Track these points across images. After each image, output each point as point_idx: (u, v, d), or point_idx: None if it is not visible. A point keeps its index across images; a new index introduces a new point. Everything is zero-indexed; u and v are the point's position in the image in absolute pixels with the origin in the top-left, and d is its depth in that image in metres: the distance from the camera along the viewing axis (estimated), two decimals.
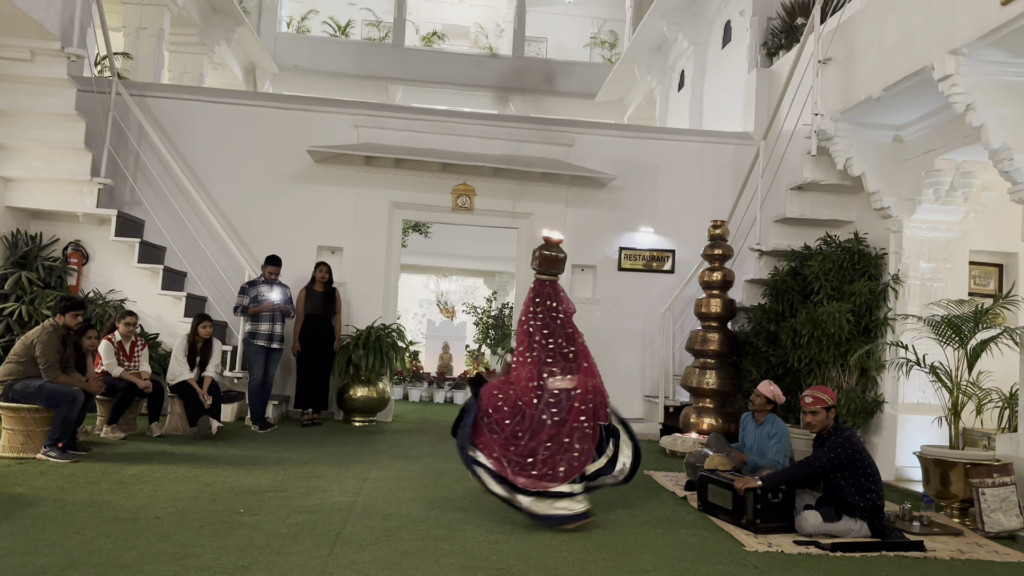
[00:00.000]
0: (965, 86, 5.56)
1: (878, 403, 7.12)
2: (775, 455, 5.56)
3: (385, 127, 9.45)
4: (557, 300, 5.11)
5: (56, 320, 6.20)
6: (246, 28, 13.71)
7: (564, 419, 4.81)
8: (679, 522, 5.02)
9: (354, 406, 8.75)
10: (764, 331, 8.02)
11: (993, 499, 5.12)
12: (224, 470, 5.79)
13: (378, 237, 9.39)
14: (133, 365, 7.29)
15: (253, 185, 9.23)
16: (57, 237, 8.56)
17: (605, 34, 18.66)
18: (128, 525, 4.23)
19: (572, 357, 5.01)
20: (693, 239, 9.47)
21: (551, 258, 5.15)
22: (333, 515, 4.68)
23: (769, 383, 5.84)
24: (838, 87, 7.19)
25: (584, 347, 5.10)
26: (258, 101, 9.71)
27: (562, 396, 4.88)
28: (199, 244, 8.83)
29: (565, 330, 5.06)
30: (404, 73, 16.84)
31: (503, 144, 9.57)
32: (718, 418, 7.88)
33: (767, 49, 9.69)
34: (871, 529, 4.78)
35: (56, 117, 8.00)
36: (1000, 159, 5.62)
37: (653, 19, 12.34)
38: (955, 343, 5.87)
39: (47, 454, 5.82)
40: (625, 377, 9.62)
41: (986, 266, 8.02)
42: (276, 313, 8.15)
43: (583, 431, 4.80)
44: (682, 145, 9.96)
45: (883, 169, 7.24)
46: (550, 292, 5.13)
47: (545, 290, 5.13)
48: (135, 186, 8.86)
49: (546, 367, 4.96)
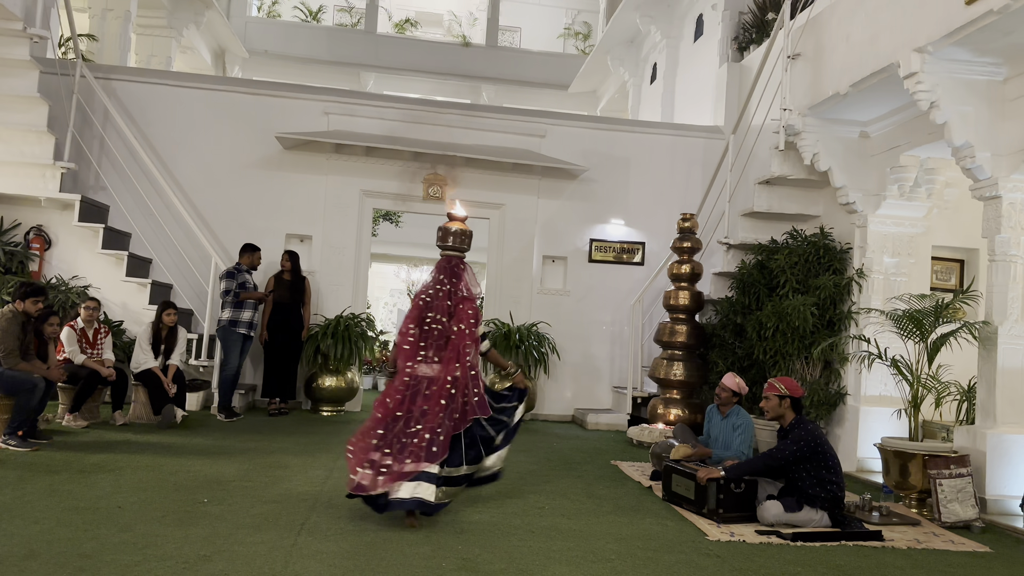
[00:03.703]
0: (930, 84, 5.65)
1: (841, 395, 7.24)
2: (739, 446, 5.63)
3: (356, 114, 9.37)
4: (456, 278, 4.74)
5: (16, 306, 6.08)
6: (215, 11, 13.50)
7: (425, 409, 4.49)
8: (643, 511, 5.07)
9: (322, 396, 8.69)
10: (731, 323, 8.10)
11: (950, 490, 5.24)
12: (188, 459, 5.73)
13: (348, 226, 9.33)
14: (96, 352, 7.18)
15: (221, 171, 9.11)
16: (19, 222, 8.39)
17: (579, 25, 18.65)
18: (88, 515, 4.18)
19: (444, 344, 4.63)
20: (663, 232, 9.53)
21: (453, 232, 4.78)
22: (298, 505, 4.66)
23: (733, 375, 5.91)
24: (807, 83, 7.26)
25: (464, 335, 4.62)
26: (227, 86, 9.57)
27: (422, 383, 4.56)
28: (165, 231, 8.70)
29: (449, 312, 4.68)
30: (376, 60, 16.69)
31: (475, 134, 9.55)
32: (685, 409, 7.96)
33: (738, 44, 9.76)
34: (831, 519, 4.86)
35: (18, 99, 7.83)
36: (963, 156, 5.72)
37: (626, 11, 12.36)
38: (916, 337, 5.98)
39: (6, 442, 5.72)
40: (594, 368, 9.69)
41: (948, 261, 8.17)
42: (257, 302, 8.16)
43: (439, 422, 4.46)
44: (653, 138, 10.00)
45: (849, 164, 7.34)
46: (444, 267, 4.76)
47: (449, 265, 4.76)
48: (100, 171, 8.71)
49: (420, 350, 4.64)
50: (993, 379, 5.61)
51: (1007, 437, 5.50)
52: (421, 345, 4.65)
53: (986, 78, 5.74)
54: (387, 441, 4.46)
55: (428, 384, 4.56)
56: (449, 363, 4.58)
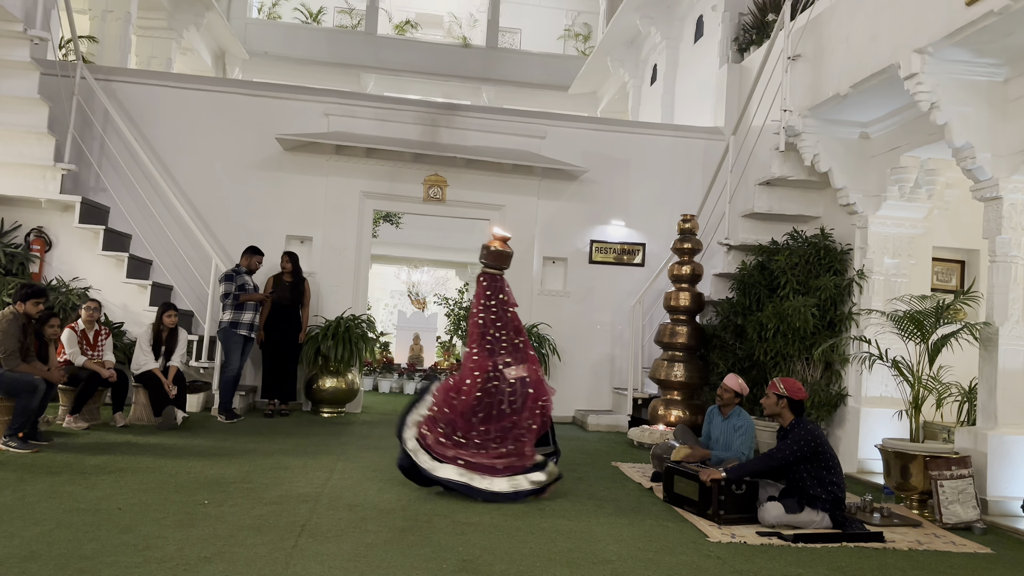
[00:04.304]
0: (930, 84, 5.65)
1: (842, 396, 7.23)
2: (740, 447, 5.63)
3: (356, 116, 9.37)
4: (505, 294, 5.39)
5: (16, 308, 6.08)
6: (216, 13, 13.51)
7: (522, 405, 5.19)
8: (644, 513, 5.06)
9: (322, 397, 8.69)
10: (732, 324, 8.10)
11: (951, 491, 5.23)
12: (189, 461, 5.73)
13: (348, 227, 9.33)
14: (97, 354, 7.18)
15: (221, 173, 9.11)
16: (19, 223, 8.40)
17: (579, 27, 18.65)
18: (89, 516, 4.17)
19: (521, 347, 5.36)
20: (663, 233, 9.53)
21: (501, 253, 5.42)
22: (299, 506, 4.65)
23: (735, 376, 5.91)
24: (807, 84, 7.26)
25: (527, 340, 5.47)
26: (227, 88, 9.57)
27: (517, 384, 5.23)
28: (165, 232, 8.69)
29: (514, 323, 5.39)
30: (376, 61, 16.70)
31: (476, 135, 9.55)
32: (686, 410, 7.96)
33: (738, 45, 9.76)
34: (832, 520, 4.86)
35: (18, 100, 7.82)
36: (963, 157, 5.72)
37: (626, 13, 12.36)
38: (917, 338, 5.97)
39: (7, 444, 5.72)
40: (595, 369, 9.68)
41: (949, 262, 8.17)
42: (258, 303, 8.18)
43: (535, 415, 5.22)
44: (654, 139, 10.00)
45: (850, 165, 7.34)
46: (501, 286, 5.36)
47: (496, 284, 5.37)
48: (100, 172, 8.71)
49: (500, 358, 5.26)
50: (994, 380, 5.60)
51: (1008, 438, 5.49)
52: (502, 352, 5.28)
53: (986, 79, 5.74)
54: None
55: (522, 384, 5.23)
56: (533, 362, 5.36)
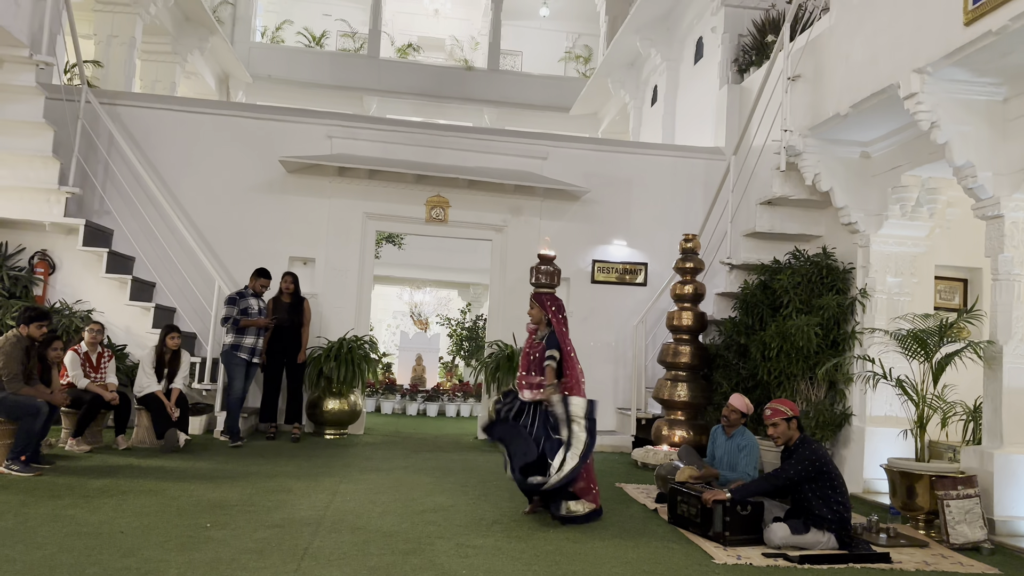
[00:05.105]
0: (930, 104, 5.67)
1: (846, 416, 7.20)
2: (745, 467, 5.60)
3: (359, 138, 9.43)
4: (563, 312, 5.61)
5: (20, 331, 6.09)
6: (219, 37, 13.63)
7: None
8: (649, 535, 5.03)
9: (325, 419, 8.67)
10: (735, 344, 8.08)
11: (958, 511, 5.19)
12: (191, 484, 5.71)
13: (351, 248, 9.35)
14: (99, 376, 7.18)
15: (224, 195, 9.15)
16: (23, 246, 8.43)
17: (579, 49, 18.80)
18: (91, 540, 4.16)
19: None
20: (665, 252, 9.54)
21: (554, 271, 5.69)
22: (301, 529, 4.63)
23: (740, 396, 5.90)
24: (807, 104, 7.30)
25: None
26: (230, 111, 9.64)
27: None
28: (168, 254, 8.72)
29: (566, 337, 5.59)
30: (379, 84, 16.83)
31: (478, 156, 9.59)
32: (690, 430, 7.92)
33: (738, 66, 9.82)
34: (838, 541, 4.82)
35: (24, 125, 7.88)
36: (964, 176, 5.74)
37: (627, 35, 12.46)
38: (920, 357, 5.95)
39: (9, 467, 5.70)
40: (598, 389, 9.62)
41: (951, 281, 8.16)
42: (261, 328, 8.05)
43: None
44: (655, 159, 10.04)
45: (851, 185, 7.35)
46: (561, 304, 5.60)
47: (559, 301, 5.60)
48: (104, 195, 8.75)
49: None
50: (999, 399, 5.58)
51: (1014, 457, 5.46)
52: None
53: (986, 98, 5.76)
54: None
55: None
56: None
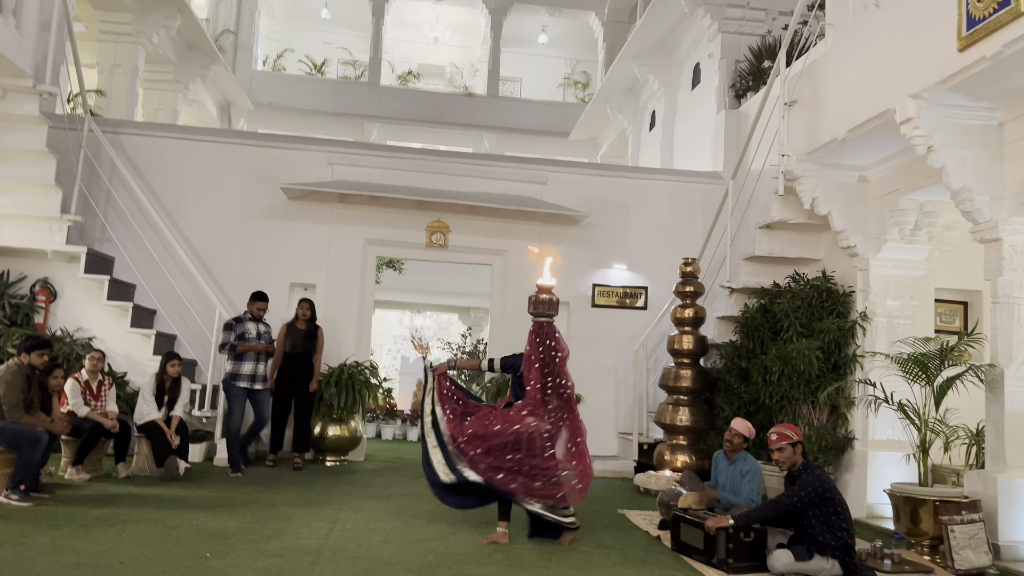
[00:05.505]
0: (926, 129, 5.71)
1: (848, 440, 7.17)
2: (748, 493, 5.57)
3: (359, 164, 9.48)
4: (554, 340, 5.42)
5: (21, 359, 6.08)
6: (221, 66, 13.76)
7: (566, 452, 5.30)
8: (652, 562, 4.99)
9: (326, 445, 8.63)
10: (736, 368, 8.07)
11: (963, 536, 5.16)
12: (191, 512, 5.68)
13: (352, 274, 9.37)
14: (100, 404, 7.17)
15: (226, 222, 9.18)
16: (25, 275, 8.45)
17: (578, 75, 18.96)
18: (90, 571, 4.13)
19: (566, 397, 5.39)
20: (665, 276, 9.55)
21: (545, 301, 5.57)
22: (301, 558, 4.60)
23: (743, 420, 5.87)
24: (804, 128, 7.35)
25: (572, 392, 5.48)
26: (232, 139, 9.71)
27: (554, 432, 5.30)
28: (169, 281, 8.74)
29: (561, 369, 5.40)
30: (379, 111, 16.96)
31: (477, 182, 9.64)
32: (692, 455, 7.89)
33: (735, 91, 9.91)
34: (843, 567, 4.78)
35: (27, 154, 7.94)
36: (961, 200, 5.76)
37: (624, 61, 12.58)
38: (922, 380, 5.94)
39: (8, 497, 5.67)
40: (599, 414, 9.60)
41: (951, 303, 8.17)
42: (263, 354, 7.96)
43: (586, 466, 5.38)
44: (654, 184, 10.09)
45: (849, 208, 7.38)
46: (548, 332, 5.44)
47: (543, 331, 5.45)
48: (105, 223, 8.78)
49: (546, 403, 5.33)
50: (1001, 423, 5.56)
51: (1018, 481, 5.43)
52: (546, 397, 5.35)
53: (982, 122, 5.80)
54: None
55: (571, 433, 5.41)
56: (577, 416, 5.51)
